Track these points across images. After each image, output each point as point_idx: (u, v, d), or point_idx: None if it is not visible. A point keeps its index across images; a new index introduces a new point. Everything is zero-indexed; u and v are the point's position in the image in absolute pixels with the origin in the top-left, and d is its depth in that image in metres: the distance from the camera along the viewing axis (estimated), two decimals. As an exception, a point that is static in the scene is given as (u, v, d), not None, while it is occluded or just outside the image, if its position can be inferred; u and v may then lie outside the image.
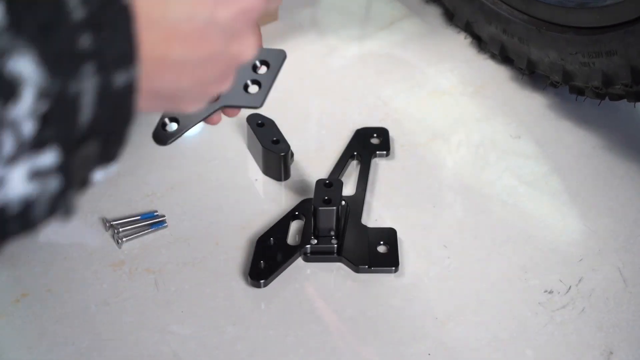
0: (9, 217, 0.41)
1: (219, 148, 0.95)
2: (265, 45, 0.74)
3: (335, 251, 0.81)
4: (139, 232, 0.83)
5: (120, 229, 0.82)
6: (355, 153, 0.94)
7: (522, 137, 0.98)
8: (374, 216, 0.87)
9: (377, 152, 0.94)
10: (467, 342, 0.75)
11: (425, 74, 1.08)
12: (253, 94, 0.66)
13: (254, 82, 0.67)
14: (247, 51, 0.55)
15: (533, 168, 0.94)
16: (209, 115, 0.66)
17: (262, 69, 0.67)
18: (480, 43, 1.11)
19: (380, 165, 0.93)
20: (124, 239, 0.82)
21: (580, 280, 0.81)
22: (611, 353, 0.74)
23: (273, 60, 0.69)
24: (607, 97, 0.93)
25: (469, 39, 1.12)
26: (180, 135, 0.67)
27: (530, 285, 0.80)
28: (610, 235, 0.86)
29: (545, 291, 0.80)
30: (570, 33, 0.92)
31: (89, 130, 0.45)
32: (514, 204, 0.89)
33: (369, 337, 0.75)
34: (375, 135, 0.96)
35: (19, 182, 0.41)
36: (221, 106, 0.66)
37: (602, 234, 0.86)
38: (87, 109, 0.44)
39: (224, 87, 0.56)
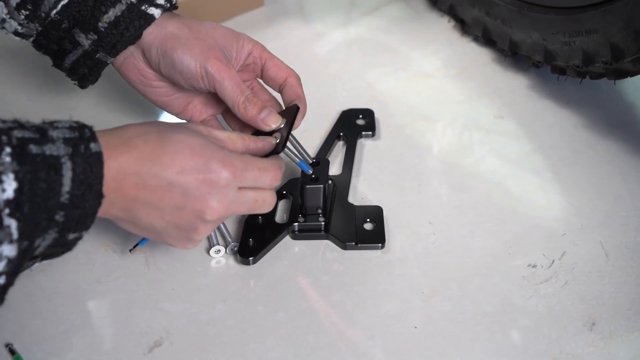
0: None
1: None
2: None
3: (322, 229, 0.82)
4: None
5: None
6: (341, 134, 0.95)
7: (505, 117, 0.99)
8: (360, 195, 0.88)
9: (363, 133, 0.96)
10: (453, 315, 0.77)
11: (410, 57, 1.09)
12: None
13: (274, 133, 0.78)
14: (209, 212, 0.67)
15: (516, 147, 0.95)
16: None
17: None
18: (464, 26, 1.12)
19: (366, 146, 0.95)
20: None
21: (563, 255, 0.82)
22: (593, 324, 0.76)
23: (288, 115, 0.79)
24: (588, 76, 0.95)
25: (452, 22, 1.14)
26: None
27: (515, 259, 0.82)
28: (592, 211, 0.87)
29: (529, 265, 0.81)
30: (552, 13, 0.93)
31: (35, 257, 0.62)
32: (498, 181, 0.91)
33: (356, 312, 0.77)
34: (361, 116, 0.97)
35: None
36: None
37: (584, 209, 0.88)
38: (40, 250, 0.61)
39: (200, 236, 0.70)
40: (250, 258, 0.79)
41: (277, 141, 0.76)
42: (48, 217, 0.58)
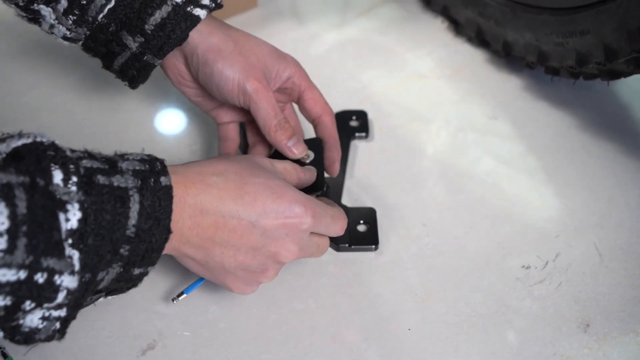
0: (18, 333, 0.55)
1: (201, 132, 0.96)
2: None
3: (316, 231, 0.82)
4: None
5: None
6: (335, 135, 0.95)
7: (499, 118, 0.99)
8: (354, 196, 0.88)
9: (357, 134, 0.95)
10: (447, 317, 0.77)
11: (404, 58, 1.09)
12: None
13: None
14: (284, 254, 0.68)
15: (510, 148, 0.95)
16: None
17: (311, 156, 0.82)
18: (457, 27, 1.12)
19: (359, 147, 0.95)
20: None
21: (557, 256, 0.82)
22: (588, 325, 0.76)
23: (315, 147, 0.83)
24: (581, 77, 0.95)
25: (446, 23, 1.14)
26: None
27: (509, 261, 0.82)
28: (586, 212, 0.87)
29: (523, 267, 0.81)
30: (545, 14, 0.93)
31: (99, 292, 0.63)
32: (492, 182, 0.91)
33: (350, 315, 0.76)
34: (354, 117, 0.97)
35: (34, 319, 0.55)
36: None
37: (578, 210, 0.88)
38: (103, 284, 0.60)
39: (267, 279, 0.70)
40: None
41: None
42: (112, 251, 0.58)
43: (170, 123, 0.98)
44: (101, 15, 0.75)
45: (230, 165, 0.68)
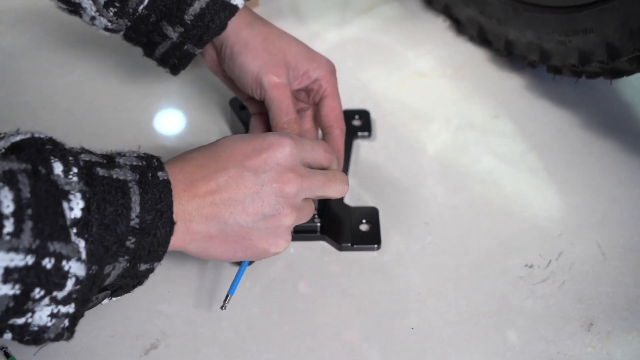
0: (27, 332, 0.56)
1: (202, 132, 0.95)
2: None
3: (318, 230, 0.82)
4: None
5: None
6: (337, 134, 0.94)
7: (501, 117, 0.99)
8: (356, 195, 0.88)
9: (359, 134, 0.95)
10: (449, 316, 0.76)
11: (405, 57, 1.09)
12: None
13: None
14: (286, 184, 0.67)
15: (511, 146, 0.95)
16: None
17: None
18: (459, 25, 1.12)
19: (362, 146, 0.95)
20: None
21: (559, 255, 0.82)
22: (591, 324, 0.76)
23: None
24: (584, 76, 0.95)
25: (447, 22, 1.13)
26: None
27: (511, 260, 0.82)
28: (588, 211, 0.87)
29: (526, 265, 0.81)
30: (547, 13, 0.93)
31: (104, 288, 0.63)
32: (493, 181, 0.91)
33: (352, 314, 0.76)
34: (356, 117, 0.97)
35: (42, 317, 0.55)
36: None
37: (581, 209, 0.87)
38: (110, 279, 0.61)
39: (288, 218, 0.68)
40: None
41: None
42: (118, 242, 0.58)
43: (171, 123, 0.97)
44: (141, 7, 0.77)
45: (204, 145, 0.70)
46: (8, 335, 0.56)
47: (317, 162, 0.73)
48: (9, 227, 0.50)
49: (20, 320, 0.55)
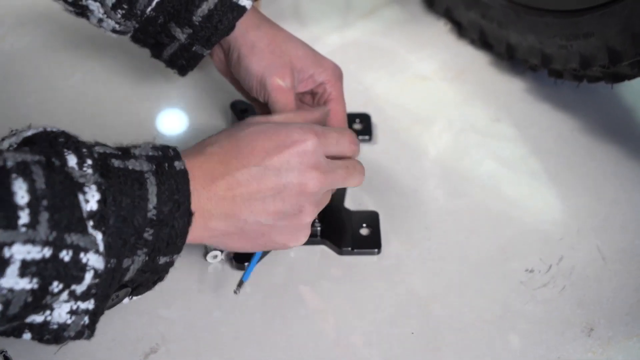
0: (47, 331, 0.56)
1: (203, 134, 0.95)
2: None
3: (318, 234, 0.82)
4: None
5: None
6: (337, 138, 0.94)
7: (502, 121, 0.99)
8: (357, 200, 0.88)
9: (360, 137, 0.95)
10: (450, 321, 0.76)
11: (406, 60, 1.09)
12: None
13: None
14: (309, 182, 0.67)
15: (512, 150, 0.95)
16: None
17: None
18: (460, 29, 1.11)
19: (362, 150, 0.94)
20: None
21: (560, 259, 0.82)
22: (592, 329, 0.76)
23: None
24: (585, 80, 0.95)
25: (449, 25, 1.13)
26: None
27: (512, 264, 0.81)
28: (589, 215, 0.87)
29: (526, 270, 0.81)
30: (548, 17, 0.93)
31: (124, 286, 0.63)
32: (494, 185, 0.90)
33: (353, 318, 0.76)
34: (357, 120, 0.97)
35: (62, 314, 0.55)
36: None
37: (581, 213, 0.87)
38: (129, 274, 0.60)
39: (309, 216, 0.69)
40: (246, 263, 0.79)
41: None
42: (136, 234, 0.57)
43: (172, 125, 0.97)
44: (149, 9, 0.76)
45: (221, 133, 0.70)
46: (27, 335, 0.55)
47: (341, 154, 0.73)
48: (24, 218, 0.49)
49: (39, 319, 0.54)
